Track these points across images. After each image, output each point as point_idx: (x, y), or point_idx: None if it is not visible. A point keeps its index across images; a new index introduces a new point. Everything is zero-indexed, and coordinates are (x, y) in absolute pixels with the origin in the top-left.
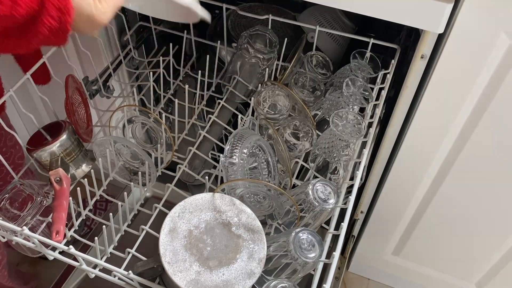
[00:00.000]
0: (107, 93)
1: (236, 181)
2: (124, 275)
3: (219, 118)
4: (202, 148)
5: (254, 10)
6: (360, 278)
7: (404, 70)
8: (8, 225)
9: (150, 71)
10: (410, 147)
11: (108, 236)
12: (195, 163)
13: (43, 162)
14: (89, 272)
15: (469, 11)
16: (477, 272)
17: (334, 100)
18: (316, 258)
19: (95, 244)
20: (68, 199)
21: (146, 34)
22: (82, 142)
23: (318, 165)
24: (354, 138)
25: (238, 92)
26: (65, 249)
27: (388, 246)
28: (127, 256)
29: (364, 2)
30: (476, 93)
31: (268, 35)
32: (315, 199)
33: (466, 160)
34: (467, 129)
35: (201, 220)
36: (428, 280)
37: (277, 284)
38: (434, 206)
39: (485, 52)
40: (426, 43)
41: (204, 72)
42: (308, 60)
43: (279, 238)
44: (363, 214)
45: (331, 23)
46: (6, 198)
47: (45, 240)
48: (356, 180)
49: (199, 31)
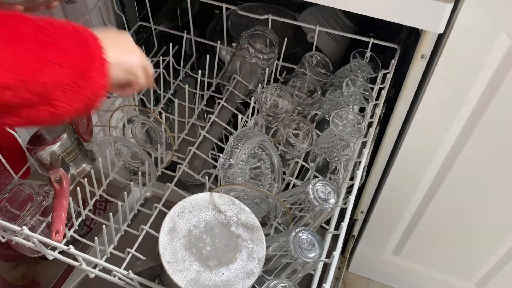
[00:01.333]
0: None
1: (231, 186)
2: (124, 274)
3: (219, 118)
4: (202, 148)
5: (254, 10)
6: (360, 278)
7: (404, 70)
8: (8, 225)
9: None
10: (410, 147)
11: (108, 236)
12: (195, 163)
13: (43, 162)
14: (89, 272)
15: (469, 11)
16: (477, 272)
17: (334, 100)
18: (316, 258)
19: (95, 244)
20: (68, 199)
21: (146, 34)
22: (82, 142)
23: (318, 165)
24: (354, 138)
25: (238, 92)
26: (65, 248)
27: (388, 246)
28: (127, 256)
29: (364, 2)
30: (476, 93)
31: (268, 35)
32: (315, 198)
33: (466, 160)
34: (467, 129)
35: (200, 219)
36: (428, 280)
37: (277, 284)
38: (434, 206)
39: (485, 52)
40: (426, 43)
41: (204, 72)
42: (309, 60)
43: (279, 238)
44: (363, 214)
45: (331, 23)
46: (6, 198)
47: (45, 240)
48: (356, 180)
49: (199, 31)
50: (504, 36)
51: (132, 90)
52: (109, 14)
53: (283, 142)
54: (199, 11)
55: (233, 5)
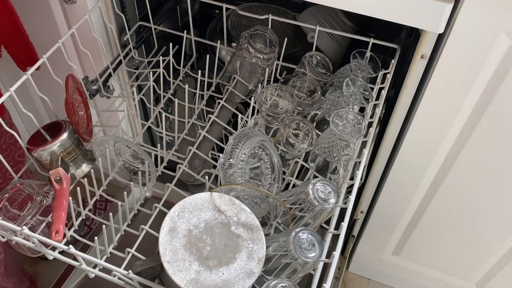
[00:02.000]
0: (107, 93)
1: (231, 185)
2: (124, 274)
3: (219, 118)
4: (202, 148)
5: (254, 10)
6: (360, 278)
7: (404, 70)
8: (8, 225)
9: (150, 71)
10: (410, 147)
11: (108, 236)
12: (195, 163)
13: (43, 162)
14: (88, 271)
15: (469, 11)
16: (477, 272)
17: (334, 100)
18: (316, 257)
19: (95, 244)
20: (67, 198)
21: (146, 34)
22: (82, 142)
23: (318, 165)
24: (354, 138)
25: (238, 91)
26: (65, 248)
27: (388, 246)
28: (127, 255)
29: (364, 2)
30: (476, 93)
31: (268, 35)
32: (315, 198)
33: (466, 160)
34: (467, 129)
35: (200, 219)
36: (428, 280)
37: (277, 283)
38: (434, 206)
39: (485, 52)
40: (426, 43)
41: (204, 72)
42: (309, 60)
43: (279, 238)
44: (363, 214)
45: (331, 23)
46: (6, 198)
47: (45, 240)
48: (356, 180)
49: (199, 31)
50: (504, 36)
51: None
52: (109, 14)
53: (283, 142)
54: (199, 11)
55: (233, 5)
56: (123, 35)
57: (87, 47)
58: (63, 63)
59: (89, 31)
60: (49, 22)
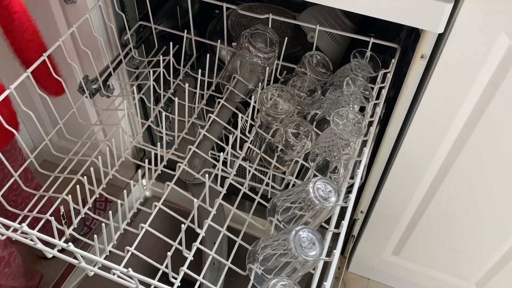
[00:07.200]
0: (107, 92)
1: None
2: (123, 272)
3: (219, 117)
4: (202, 147)
5: (254, 10)
6: (360, 278)
7: (404, 70)
8: (7, 222)
9: (150, 70)
10: (410, 146)
11: (108, 234)
12: (194, 162)
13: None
14: (88, 270)
15: (469, 11)
16: (477, 272)
17: (335, 99)
18: (316, 256)
19: (94, 242)
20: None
21: (146, 34)
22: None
23: (318, 164)
24: (354, 137)
25: (238, 91)
26: (64, 246)
27: (388, 246)
28: (127, 254)
29: (364, 2)
30: (476, 93)
31: (268, 34)
32: (315, 197)
33: (466, 160)
34: (467, 129)
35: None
36: (428, 280)
37: (277, 282)
38: (434, 206)
39: (485, 52)
40: (426, 43)
41: (204, 71)
42: (309, 60)
43: (279, 236)
44: (363, 214)
45: (331, 23)
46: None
47: (44, 237)
48: (357, 179)
49: (199, 30)
50: (504, 36)
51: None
52: (109, 13)
53: (282, 142)
54: (199, 11)
55: (233, 4)
56: (123, 34)
57: (87, 46)
58: (63, 62)
59: (89, 30)
60: (49, 22)
